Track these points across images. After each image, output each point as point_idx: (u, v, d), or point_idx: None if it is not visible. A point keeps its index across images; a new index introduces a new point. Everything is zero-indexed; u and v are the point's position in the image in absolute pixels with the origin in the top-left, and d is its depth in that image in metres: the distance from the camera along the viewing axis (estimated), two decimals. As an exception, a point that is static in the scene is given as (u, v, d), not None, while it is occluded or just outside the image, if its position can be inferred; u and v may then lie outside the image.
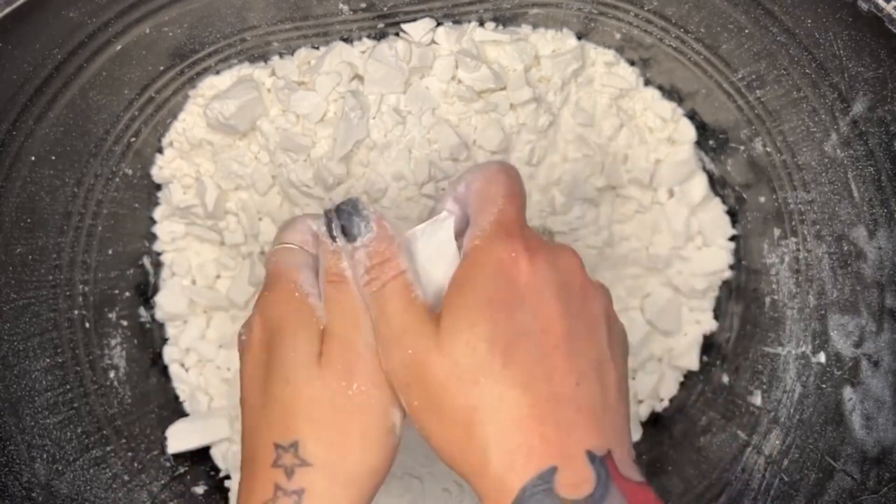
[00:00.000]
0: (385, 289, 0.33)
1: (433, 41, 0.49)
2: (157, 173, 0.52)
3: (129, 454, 0.50)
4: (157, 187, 0.53)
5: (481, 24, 0.50)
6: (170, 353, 0.54)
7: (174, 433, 0.52)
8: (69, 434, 0.48)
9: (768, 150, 0.49)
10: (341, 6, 0.48)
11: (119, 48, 0.45)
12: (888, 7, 0.37)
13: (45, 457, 0.46)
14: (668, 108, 0.53)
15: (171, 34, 0.46)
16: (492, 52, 0.49)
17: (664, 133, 0.53)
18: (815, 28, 0.42)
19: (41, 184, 0.45)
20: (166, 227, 0.53)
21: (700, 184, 0.54)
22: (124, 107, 0.48)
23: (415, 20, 0.49)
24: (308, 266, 0.36)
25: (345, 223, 0.34)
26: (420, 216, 0.49)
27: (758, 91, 0.48)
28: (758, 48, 0.46)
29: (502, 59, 0.49)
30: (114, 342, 0.52)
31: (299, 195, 0.50)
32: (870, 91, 0.41)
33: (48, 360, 0.47)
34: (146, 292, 0.54)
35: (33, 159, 0.44)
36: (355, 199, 0.35)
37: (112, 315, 0.52)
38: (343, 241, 0.35)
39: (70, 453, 0.47)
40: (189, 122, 0.50)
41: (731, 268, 0.55)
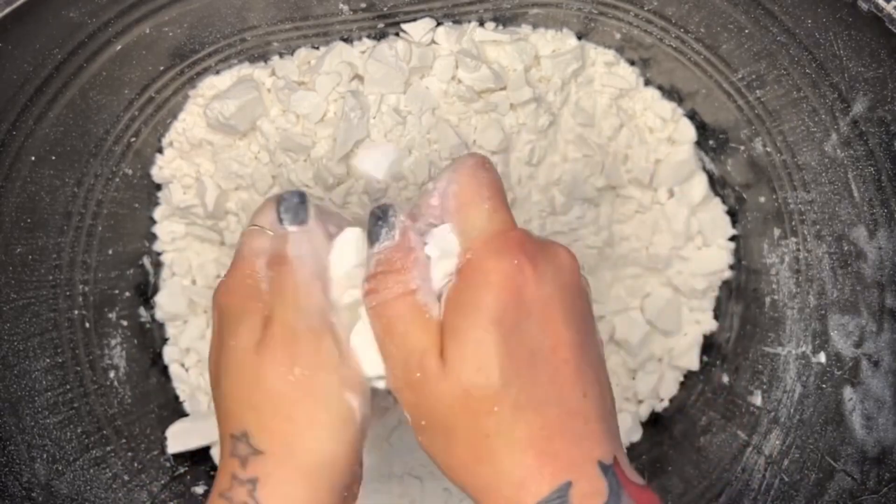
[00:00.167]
0: (389, 306, 0.32)
1: (433, 41, 0.49)
2: (157, 173, 0.52)
3: (129, 454, 0.50)
4: (157, 187, 0.53)
5: (481, 23, 0.50)
6: (170, 353, 0.54)
7: (174, 433, 0.52)
8: (69, 434, 0.48)
9: (768, 150, 0.49)
10: (341, 6, 0.48)
11: (119, 48, 0.45)
12: (888, 7, 0.37)
13: (45, 457, 0.46)
14: (668, 108, 0.53)
15: (171, 34, 0.46)
16: (492, 52, 0.49)
17: (664, 133, 0.53)
18: (816, 28, 0.42)
19: (41, 184, 0.45)
20: (166, 227, 0.53)
21: (700, 184, 0.54)
22: (124, 107, 0.48)
23: (415, 20, 0.49)
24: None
25: (370, 227, 0.33)
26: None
27: (758, 91, 0.48)
28: (758, 48, 0.46)
29: (502, 59, 0.49)
30: (114, 342, 0.52)
31: (299, 195, 0.50)
32: (870, 91, 0.41)
33: (48, 360, 0.47)
34: (146, 292, 0.54)
35: (33, 159, 0.44)
36: (390, 204, 0.33)
37: (112, 315, 0.52)
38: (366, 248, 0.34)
39: (70, 453, 0.47)
40: (189, 122, 0.50)
41: (731, 268, 0.54)
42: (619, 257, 0.54)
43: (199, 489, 0.53)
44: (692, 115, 0.53)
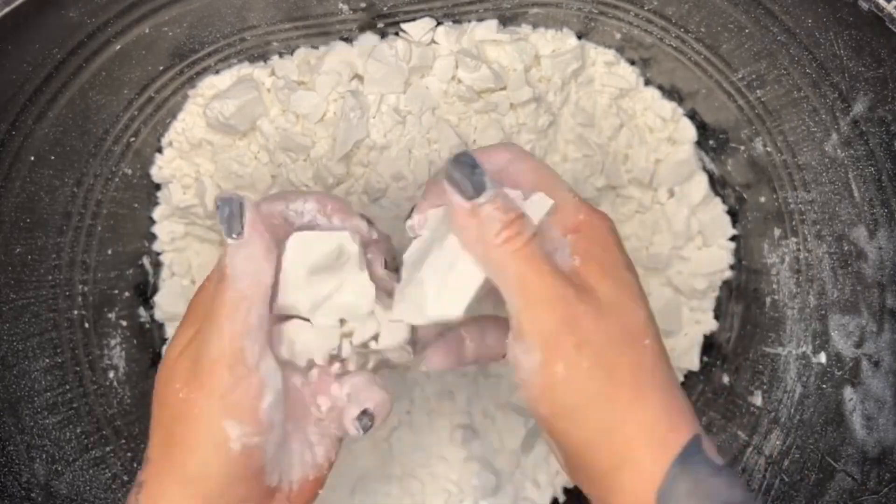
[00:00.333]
0: (529, 247, 0.31)
1: (433, 41, 0.49)
2: (156, 173, 0.52)
3: (129, 454, 0.50)
4: (157, 187, 0.53)
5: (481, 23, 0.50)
6: (169, 354, 0.54)
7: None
8: (68, 434, 0.48)
9: (769, 149, 0.49)
10: (341, 6, 0.48)
11: (119, 48, 0.44)
12: (889, 7, 0.37)
13: (44, 457, 0.46)
14: (669, 107, 0.53)
15: (170, 34, 0.46)
16: (492, 52, 0.49)
17: (664, 133, 0.53)
18: (816, 28, 0.42)
19: (41, 184, 0.45)
20: (166, 227, 0.53)
21: (700, 184, 0.54)
22: (124, 107, 0.48)
23: (415, 20, 0.49)
24: None
25: (468, 176, 0.31)
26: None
27: (758, 91, 0.48)
28: (758, 48, 0.46)
29: (502, 59, 0.49)
30: (113, 342, 0.52)
31: (299, 195, 0.50)
32: (870, 91, 0.41)
33: (47, 361, 0.47)
34: (146, 292, 0.54)
35: (33, 159, 0.44)
36: (469, 152, 0.31)
37: (111, 315, 0.52)
38: (459, 197, 0.31)
39: (69, 453, 0.47)
40: (189, 122, 0.50)
41: (731, 268, 0.54)
42: (619, 257, 0.54)
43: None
44: (692, 115, 0.53)
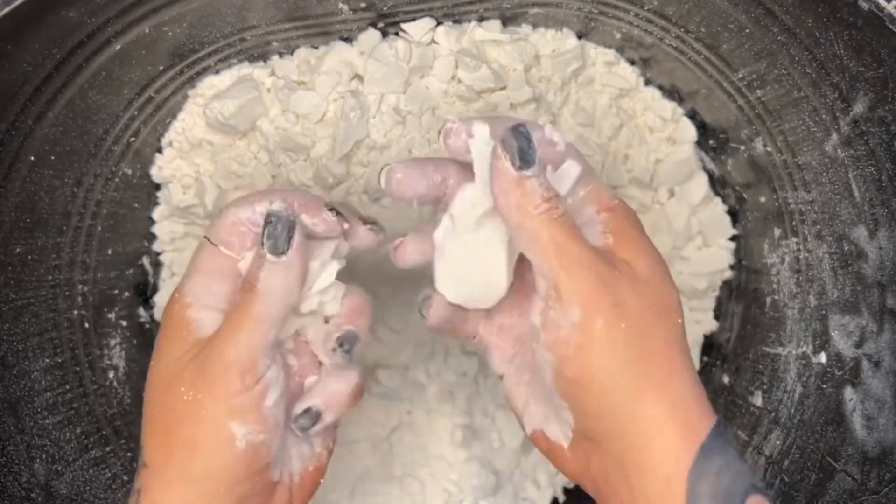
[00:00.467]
0: (564, 218, 0.32)
1: (433, 41, 0.49)
2: (156, 173, 0.52)
3: (129, 454, 0.50)
4: (157, 187, 0.53)
5: (481, 23, 0.50)
6: (169, 354, 0.54)
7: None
8: (68, 434, 0.48)
9: (769, 149, 0.49)
10: (341, 6, 0.48)
11: (118, 48, 0.44)
12: (889, 7, 0.37)
13: (44, 457, 0.46)
14: (669, 107, 0.53)
15: (170, 34, 0.46)
16: (492, 52, 0.49)
17: (664, 133, 0.53)
18: (816, 27, 0.42)
19: (40, 184, 0.45)
20: (166, 227, 0.53)
21: (700, 184, 0.54)
22: (124, 106, 0.48)
23: (415, 20, 0.49)
24: (217, 272, 0.36)
25: (525, 147, 0.31)
26: (420, 217, 0.49)
27: (758, 91, 0.48)
28: (758, 48, 0.46)
29: (502, 59, 0.49)
30: (113, 342, 0.52)
31: (299, 195, 0.50)
32: (870, 91, 0.41)
33: (47, 361, 0.47)
34: (145, 292, 0.54)
35: (32, 159, 0.44)
36: (526, 125, 0.32)
37: (111, 315, 0.52)
38: (509, 164, 0.31)
39: (69, 454, 0.47)
40: (189, 122, 0.50)
41: (731, 268, 0.54)
42: (619, 257, 0.54)
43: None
44: (692, 115, 0.53)
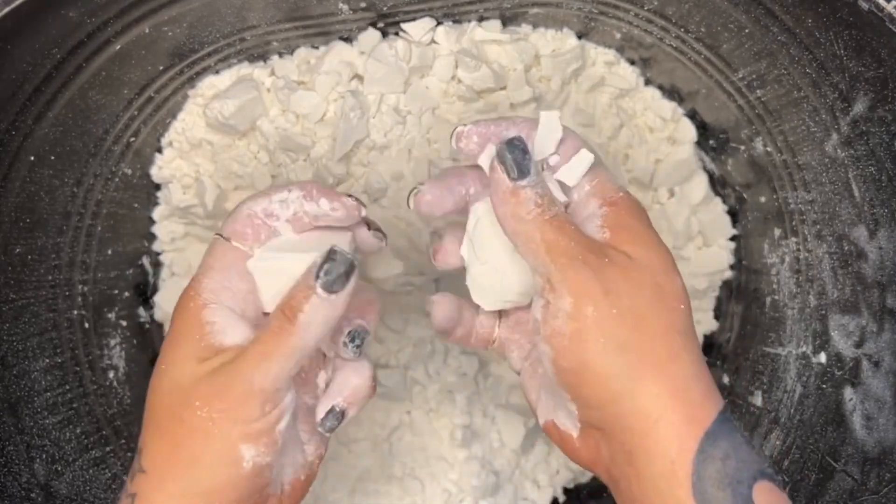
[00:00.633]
0: (557, 218, 0.32)
1: (433, 41, 0.49)
2: (156, 173, 0.52)
3: (129, 454, 0.50)
4: (157, 187, 0.53)
5: (481, 23, 0.50)
6: (169, 354, 0.54)
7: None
8: (68, 434, 0.48)
9: (769, 149, 0.49)
10: (341, 6, 0.48)
11: (118, 48, 0.44)
12: (889, 7, 0.37)
13: (44, 457, 0.46)
14: (669, 107, 0.53)
15: (170, 34, 0.46)
16: (492, 52, 0.49)
17: (664, 133, 0.53)
18: (816, 27, 0.42)
19: (40, 183, 0.45)
20: (166, 227, 0.53)
21: (700, 184, 0.54)
22: (123, 106, 0.48)
23: (415, 20, 0.49)
24: (228, 267, 0.35)
25: (519, 160, 0.32)
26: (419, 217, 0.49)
27: (758, 91, 0.48)
28: (758, 48, 0.46)
29: (502, 59, 0.49)
30: (113, 342, 0.52)
31: (299, 195, 0.50)
32: (870, 91, 0.41)
33: (47, 361, 0.47)
34: (145, 292, 0.54)
35: (32, 159, 0.44)
36: (522, 138, 0.33)
37: (111, 315, 0.52)
38: (505, 177, 0.32)
39: (69, 454, 0.47)
40: (189, 122, 0.50)
41: (731, 268, 0.54)
42: (619, 257, 0.54)
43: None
44: (692, 115, 0.53)
